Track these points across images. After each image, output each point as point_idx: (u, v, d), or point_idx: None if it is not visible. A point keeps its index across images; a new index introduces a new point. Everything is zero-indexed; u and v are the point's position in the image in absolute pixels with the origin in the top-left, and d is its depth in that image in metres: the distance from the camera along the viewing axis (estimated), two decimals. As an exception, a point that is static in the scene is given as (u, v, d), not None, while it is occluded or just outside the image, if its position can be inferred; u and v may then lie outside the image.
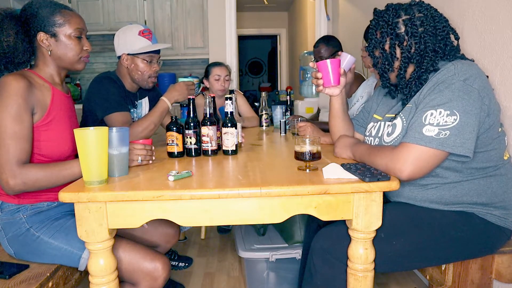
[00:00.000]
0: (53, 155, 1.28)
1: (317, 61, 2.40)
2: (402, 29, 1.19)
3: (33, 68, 1.34)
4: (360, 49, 1.89)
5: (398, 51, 1.21)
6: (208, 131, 1.44)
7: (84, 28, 1.35)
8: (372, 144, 1.31)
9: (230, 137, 1.46)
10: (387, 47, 1.22)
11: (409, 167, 1.07)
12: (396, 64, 1.23)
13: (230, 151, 1.48)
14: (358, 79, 2.33)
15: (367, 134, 1.37)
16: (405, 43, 1.19)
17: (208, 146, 1.46)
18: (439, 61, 1.19)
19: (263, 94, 2.49)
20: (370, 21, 1.28)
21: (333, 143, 1.68)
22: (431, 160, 1.08)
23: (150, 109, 1.82)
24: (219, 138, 1.51)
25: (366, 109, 1.51)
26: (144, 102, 1.89)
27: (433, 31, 1.17)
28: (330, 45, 2.34)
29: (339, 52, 1.68)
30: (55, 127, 1.28)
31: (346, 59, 1.62)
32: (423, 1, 1.22)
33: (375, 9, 1.27)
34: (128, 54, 1.70)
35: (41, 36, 1.28)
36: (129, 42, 1.69)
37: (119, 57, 1.74)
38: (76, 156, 1.38)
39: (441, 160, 1.10)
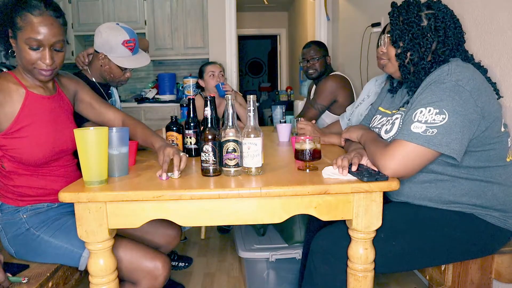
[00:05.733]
0: (29, 160, 1.23)
1: (302, 62, 2.52)
2: (425, 22, 1.18)
3: (15, 69, 1.27)
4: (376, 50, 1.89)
5: (419, 43, 1.18)
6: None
7: (43, 41, 1.15)
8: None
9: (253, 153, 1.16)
10: (409, 39, 1.19)
11: (393, 163, 1.07)
12: (416, 56, 1.20)
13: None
14: (340, 81, 2.36)
15: (372, 126, 1.39)
16: (428, 35, 1.17)
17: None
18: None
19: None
20: (388, 13, 1.27)
21: (334, 143, 1.69)
22: (417, 159, 1.07)
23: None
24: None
25: (372, 111, 1.52)
26: (114, 89, 1.93)
27: (454, 28, 1.18)
28: (322, 47, 2.47)
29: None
30: (28, 133, 1.22)
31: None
32: (440, 1, 1.22)
33: (393, 3, 1.27)
34: (106, 56, 1.67)
35: (10, 33, 1.19)
36: (111, 47, 1.65)
37: (96, 51, 1.70)
38: (53, 160, 1.31)
39: (428, 159, 1.09)
